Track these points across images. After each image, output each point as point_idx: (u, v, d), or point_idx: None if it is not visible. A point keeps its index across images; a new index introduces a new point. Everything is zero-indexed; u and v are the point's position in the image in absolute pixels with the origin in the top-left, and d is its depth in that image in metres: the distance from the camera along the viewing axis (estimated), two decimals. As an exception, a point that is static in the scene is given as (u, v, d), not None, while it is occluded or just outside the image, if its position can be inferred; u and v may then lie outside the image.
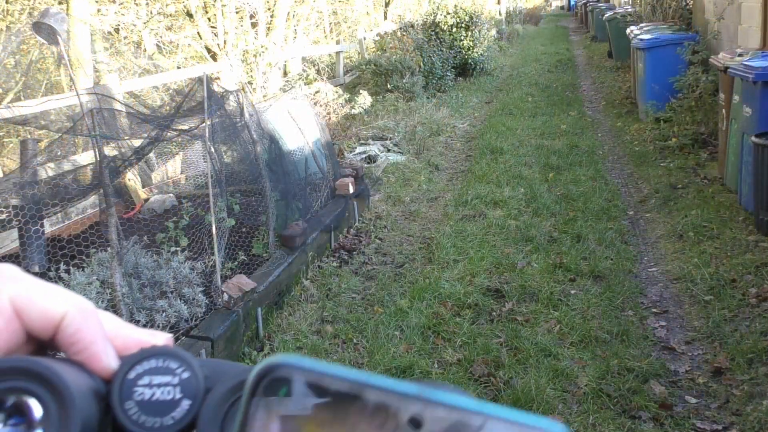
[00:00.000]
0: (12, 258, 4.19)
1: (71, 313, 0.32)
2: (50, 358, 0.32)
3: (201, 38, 8.99)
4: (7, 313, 0.31)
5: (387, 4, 15.59)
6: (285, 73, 9.48)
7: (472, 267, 4.78)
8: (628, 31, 10.21)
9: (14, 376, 0.29)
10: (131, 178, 5.44)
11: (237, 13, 8.96)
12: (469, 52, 13.25)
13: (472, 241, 5.28)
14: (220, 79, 7.75)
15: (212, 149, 4.24)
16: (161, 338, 0.35)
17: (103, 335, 0.33)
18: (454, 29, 13.02)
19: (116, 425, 0.31)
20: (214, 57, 8.68)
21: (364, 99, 9.14)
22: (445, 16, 12.98)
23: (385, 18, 15.07)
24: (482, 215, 5.88)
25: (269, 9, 9.49)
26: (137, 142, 4.07)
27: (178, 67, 8.58)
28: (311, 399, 0.25)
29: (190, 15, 8.94)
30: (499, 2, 26.42)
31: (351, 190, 5.80)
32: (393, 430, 0.24)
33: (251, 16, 9.20)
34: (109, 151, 4.05)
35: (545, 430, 0.24)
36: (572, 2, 38.71)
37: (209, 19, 8.92)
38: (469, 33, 13.18)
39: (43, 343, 0.33)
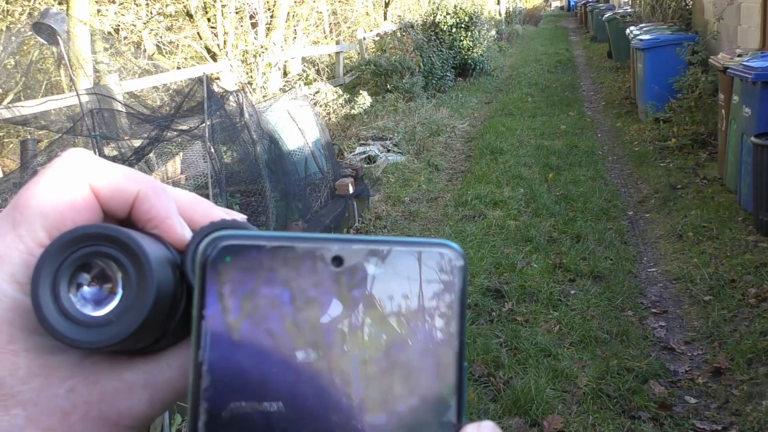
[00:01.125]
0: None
1: (144, 190, 0.34)
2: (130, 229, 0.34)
3: (201, 39, 9.00)
4: (86, 193, 0.33)
5: (387, 5, 15.60)
6: (285, 74, 9.48)
7: (471, 267, 4.78)
8: (627, 31, 10.21)
9: (99, 241, 0.32)
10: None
11: (237, 13, 8.97)
12: (469, 53, 13.25)
13: (472, 241, 5.28)
14: (220, 79, 7.75)
15: (212, 149, 4.24)
16: (237, 217, 0.37)
17: (175, 210, 0.35)
18: (454, 29, 13.02)
19: (189, 291, 0.34)
20: (214, 57, 8.68)
21: (364, 99, 9.14)
22: (444, 17, 12.98)
23: (385, 18, 15.08)
24: (482, 215, 5.89)
25: (269, 9, 9.50)
26: (137, 143, 4.07)
27: (178, 68, 8.58)
28: (252, 256, 0.29)
29: (190, 15, 8.95)
30: (498, 2, 26.43)
31: (351, 190, 5.80)
32: (322, 269, 0.29)
33: (251, 17, 9.21)
34: (109, 151, 4.06)
35: (444, 244, 0.30)
36: (572, 3, 38.72)
37: (209, 19, 8.93)
38: (469, 33, 13.18)
39: (120, 222, 0.35)
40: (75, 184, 0.33)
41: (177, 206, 0.35)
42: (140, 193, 0.34)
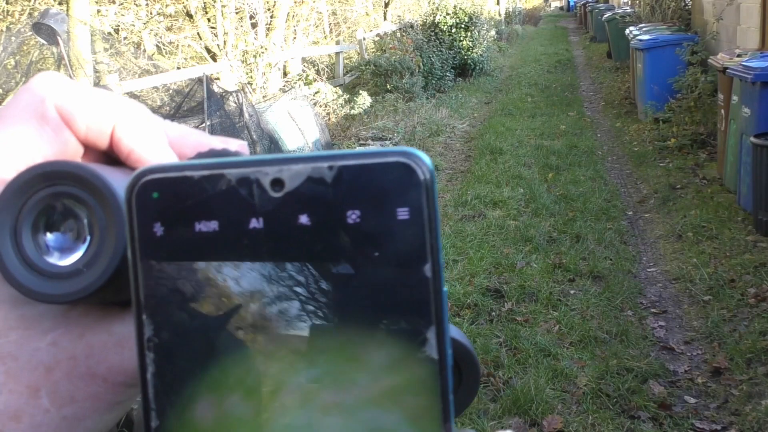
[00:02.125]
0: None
1: (122, 123, 0.31)
2: (102, 165, 0.31)
3: (201, 39, 9.01)
4: (54, 122, 0.30)
5: (386, 5, 15.60)
6: (285, 74, 9.49)
7: (471, 267, 4.79)
8: (627, 31, 10.22)
9: (61, 180, 0.28)
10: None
11: (237, 13, 8.98)
12: (469, 53, 13.26)
13: (472, 241, 5.29)
14: (220, 79, 7.76)
15: (212, 150, 4.25)
16: (233, 144, 0.32)
17: (160, 142, 0.31)
18: (454, 30, 13.03)
19: None
20: (214, 57, 8.69)
21: (364, 99, 9.14)
22: (444, 17, 12.99)
23: (385, 18, 15.08)
24: (482, 215, 5.89)
25: (269, 9, 9.51)
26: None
27: (178, 68, 8.58)
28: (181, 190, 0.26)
29: (189, 16, 8.95)
30: (498, 3, 26.45)
31: (351, 190, 5.80)
32: (260, 195, 0.25)
33: (251, 17, 9.21)
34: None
35: (402, 151, 0.26)
36: (571, 3, 38.73)
37: (209, 19, 8.94)
38: (469, 33, 13.19)
39: (105, 153, 0.31)
40: (43, 113, 0.29)
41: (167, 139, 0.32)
42: (117, 126, 0.30)
